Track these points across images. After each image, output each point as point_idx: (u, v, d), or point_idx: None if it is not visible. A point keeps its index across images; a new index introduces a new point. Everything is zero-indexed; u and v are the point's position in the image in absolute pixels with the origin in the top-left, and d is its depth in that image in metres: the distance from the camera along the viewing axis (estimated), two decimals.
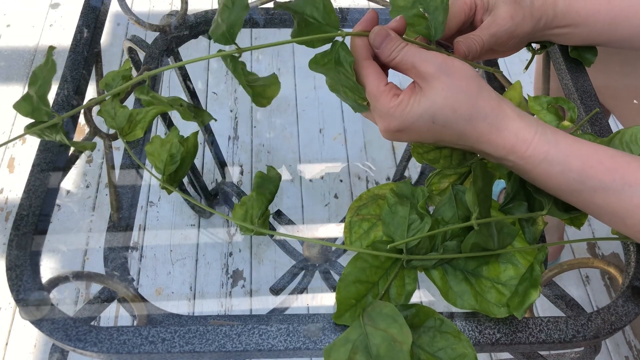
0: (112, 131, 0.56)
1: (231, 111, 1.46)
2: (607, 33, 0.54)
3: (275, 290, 0.90)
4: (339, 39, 0.43)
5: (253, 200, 0.48)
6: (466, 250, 0.44)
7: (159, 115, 0.89)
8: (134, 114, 0.56)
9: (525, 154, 0.40)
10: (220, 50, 0.42)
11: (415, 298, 0.45)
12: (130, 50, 0.72)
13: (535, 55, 0.61)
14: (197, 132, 0.53)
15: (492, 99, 0.41)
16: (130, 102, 0.63)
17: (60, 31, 1.62)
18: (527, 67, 0.62)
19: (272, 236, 1.08)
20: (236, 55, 0.42)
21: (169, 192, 0.51)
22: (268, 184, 0.49)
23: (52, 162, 0.52)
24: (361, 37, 0.43)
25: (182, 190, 1.19)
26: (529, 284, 0.43)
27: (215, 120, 0.48)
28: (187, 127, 1.42)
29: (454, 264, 0.45)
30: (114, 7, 0.69)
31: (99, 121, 0.57)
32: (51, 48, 0.45)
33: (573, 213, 0.45)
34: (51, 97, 0.48)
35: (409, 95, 0.41)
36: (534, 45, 0.59)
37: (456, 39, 0.49)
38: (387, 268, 0.44)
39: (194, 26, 0.70)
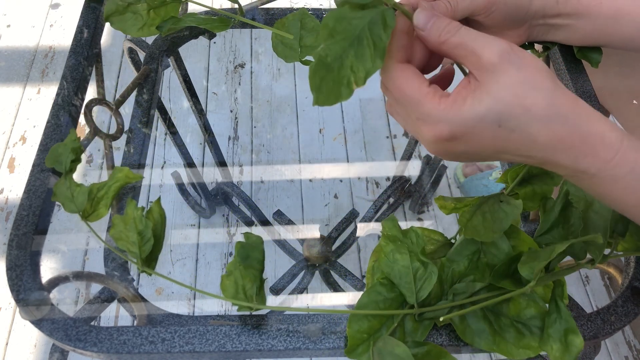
0: (112, 131, 0.56)
1: (231, 111, 1.46)
2: (610, 29, 0.52)
3: (275, 290, 0.90)
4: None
5: (241, 271, 0.43)
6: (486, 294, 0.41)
7: (158, 117, 0.89)
8: (94, 191, 0.48)
9: (610, 163, 0.33)
10: None
11: None
12: (130, 50, 0.72)
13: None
14: (159, 199, 0.47)
15: (569, 97, 0.33)
16: (129, 103, 0.63)
17: (60, 31, 1.62)
18: None
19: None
20: None
21: (149, 274, 0.45)
22: (252, 252, 0.44)
23: None
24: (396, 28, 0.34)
25: (182, 190, 1.19)
26: (562, 327, 0.39)
27: None
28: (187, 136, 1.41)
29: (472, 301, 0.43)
30: None
31: (99, 121, 0.57)
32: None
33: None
34: (50, 98, 0.48)
35: (464, 92, 0.33)
36: (536, 47, 0.59)
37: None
38: (402, 301, 0.42)
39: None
